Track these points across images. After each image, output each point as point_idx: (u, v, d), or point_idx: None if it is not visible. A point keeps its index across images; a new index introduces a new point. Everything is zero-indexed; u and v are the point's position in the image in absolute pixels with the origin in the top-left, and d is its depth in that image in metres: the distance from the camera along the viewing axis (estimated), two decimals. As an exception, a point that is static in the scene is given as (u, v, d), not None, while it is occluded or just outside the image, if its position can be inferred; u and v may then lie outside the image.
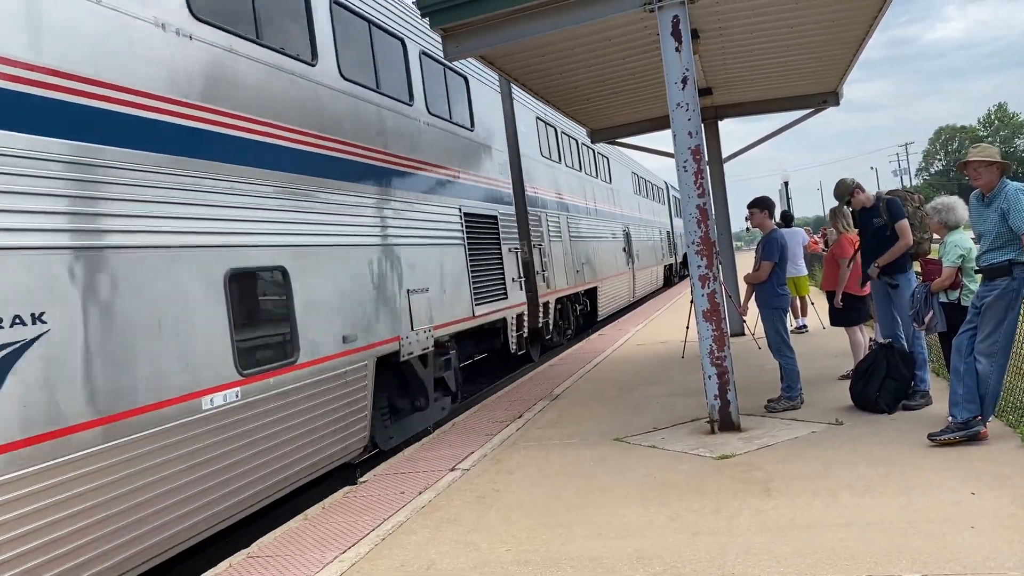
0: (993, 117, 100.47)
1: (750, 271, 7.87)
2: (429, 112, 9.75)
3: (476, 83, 11.91)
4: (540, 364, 13.43)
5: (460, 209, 10.34)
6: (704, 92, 11.42)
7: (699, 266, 6.78)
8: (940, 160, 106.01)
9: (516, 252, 12.30)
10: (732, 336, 7.15)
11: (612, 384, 10.08)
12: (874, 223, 7.19)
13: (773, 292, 7.62)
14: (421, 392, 8.94)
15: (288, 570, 4.68)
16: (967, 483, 4.83)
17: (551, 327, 14.64)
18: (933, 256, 7.06)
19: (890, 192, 7.55)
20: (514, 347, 12.04)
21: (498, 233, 11.79)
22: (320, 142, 7.29)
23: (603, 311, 19.61)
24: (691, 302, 7.83)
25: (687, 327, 12.01)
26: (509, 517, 5.21)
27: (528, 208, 13.84)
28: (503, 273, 11.73)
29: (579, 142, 18.92)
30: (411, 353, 8.43)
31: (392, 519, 5.42)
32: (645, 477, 5.77)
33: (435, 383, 9.37)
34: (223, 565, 4.95)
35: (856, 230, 7.88)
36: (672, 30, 6.75)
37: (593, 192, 20.24)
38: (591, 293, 18.57)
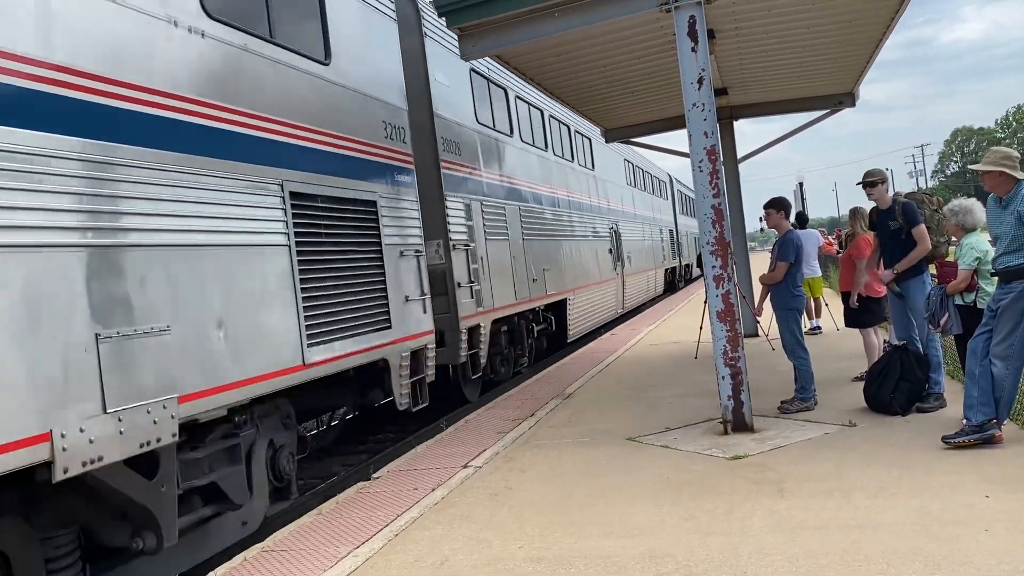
0: (1011, 119, 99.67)
1: (765, 272, 7.86)
2: (207, 13, 5.47)
3: (344, -7, 7.42)
4: (551, 364, 13.41)
5: (282, 187, 6.03)
6: (719, 92, 11.40)
7: (713, 266, 6.78)
8: (956, 162, 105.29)
9: (419, 257, 8.13)
10: (746, 337, 7.16)
11: (625, 384, 10.08)
12: (890, 226, 7.15)
13: (788, 293, 7.61)
14: (146, 521, 4.67)
15: (302, 565, 4.72)
16: (981, 486, 4.81)
17: (485, 359, 10.51)
18: (949, 259, 7.03)
19: (908, 194, 7.52)
20: (403, 402, 7.66)
21: (378, 228, 7.41)
22: None
23: (576, 329, 15.26)
24: (705, 302, 7.84)
25: (700, 327, 12.00)
26: (522, 515, 5.24)
27: (446, 194, 9.76)
28: (385, 290, 7.41)
29: (546, 114, 14.68)
30: (92, 461, 4.09)
31: (405, 515, 5.46)
32: (657, 477, 5.78)
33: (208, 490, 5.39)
34: (238, 559, 5.00)
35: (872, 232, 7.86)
36: (688, 30, 6.75)
37: (566, 179, 15.87)
38: (558, 307, 14.29)
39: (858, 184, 7.43)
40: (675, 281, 32.11)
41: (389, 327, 7.43)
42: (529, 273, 12.45)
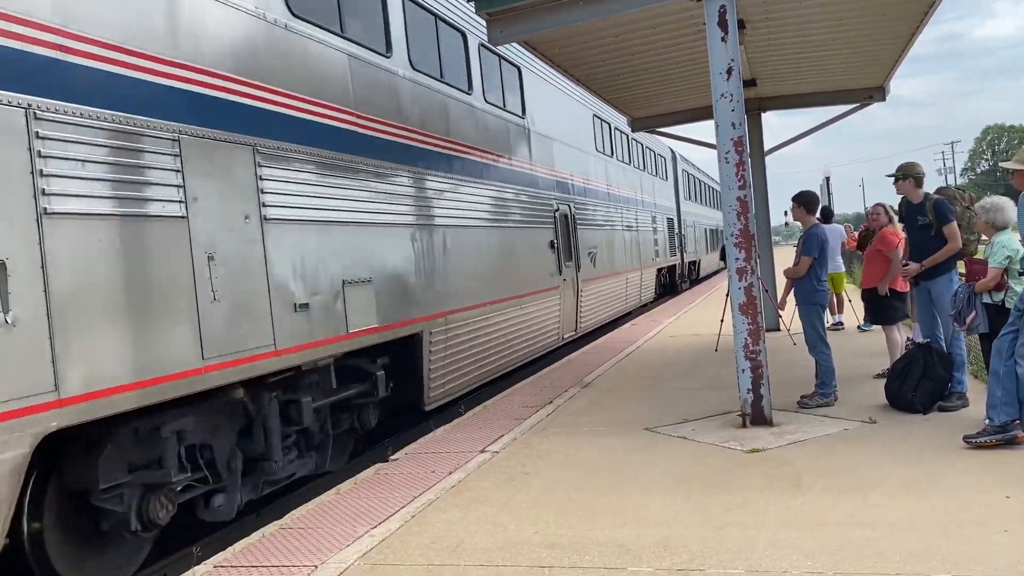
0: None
1: (790, 266, 7.81)
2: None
3: None
4: (570, 352, 13.42)
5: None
6: (748, 83, 11.29)
7: (737, 259, 6.74)
8: (987, 160, 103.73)
9: None
10: (767, 331, 7.13)
11: (643, 374, 10.07)
12: (918, 220, 7.07)
13: (812, 288, 7.56)
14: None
15: (319, 542, 4.78)
16: (1001, 486, 4.78)
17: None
18: (978, 256, 6.95)
19: (939, 190, 7.43)
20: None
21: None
22: None
23: (449, 387, 9.03)
24: (727, 295, 7.81)
25: (722, 320, 11.95)
26: (538, 500, 5.26)
27: None
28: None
29: None
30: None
31: (422, 497, 5.50)
32: (674, 468, 5.78)
33: None
34: (256, 535, 5.07)
35: (901, 224, 7.78)
36: (719, 20, 6.69)
37: (436, 115, 9.14)
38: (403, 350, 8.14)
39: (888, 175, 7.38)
40: (676, 282, 26.19)
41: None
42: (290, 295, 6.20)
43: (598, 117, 17.20)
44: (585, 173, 15.73)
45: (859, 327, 11.92)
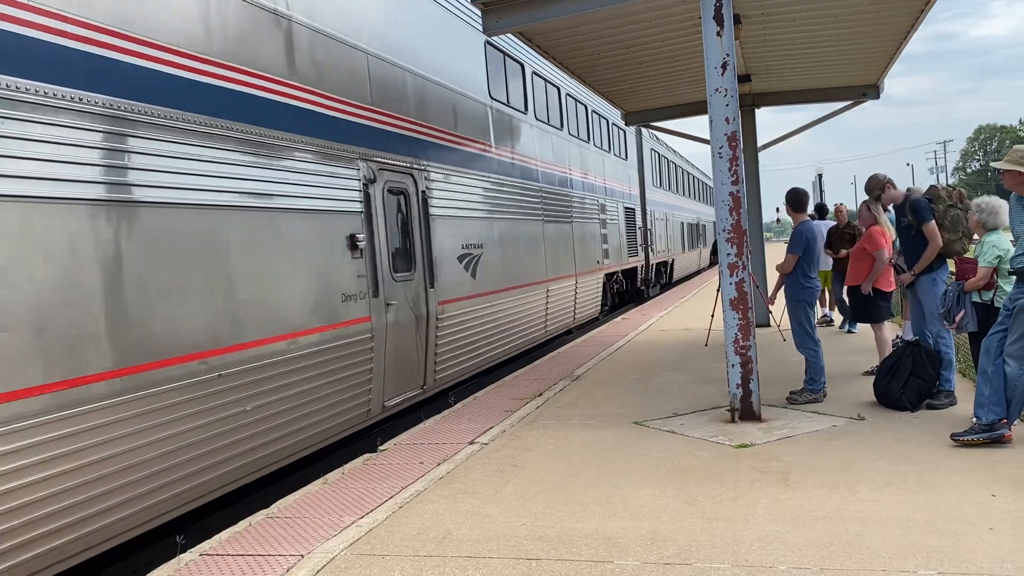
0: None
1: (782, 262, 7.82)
2: None
3: None
4: (562, 345, 13.45)
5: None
6: (742, 79, 11.30)
7: (729, 254, 6.74)
8: (978, 160, 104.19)
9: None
10: (757, 327, 7.13)
11: (633, 368, 10.08)
12: (901, 222, 7.15)
13: (798, 285, 7.57)
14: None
15: (306, 532, 4.76)
16: (988, 485, 4.80)
17: None
18: (968, 255, 6.96)
19: (929, 188, 7.44)
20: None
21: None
22: None
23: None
24: (718, 290, 7.81)
25: (712, 315, 11.96)
26: (526, 492, 5.26)
27: None
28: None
29: None
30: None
31: (410, 488, 5.49)
32: (663, 461, 5.78)
33: None
34: (243, 523, 5.04)
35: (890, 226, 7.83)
36: (714, 14, 6.67)
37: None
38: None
39: (871, 199, 7.61)
40: (639, 288, 21.31)
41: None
42: None
43: (493, 45, 11.36)
44: (453, 125, 9.91)
45: (845, 328, 11.83)
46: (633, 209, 20.91)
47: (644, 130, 22.35)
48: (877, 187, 7.48)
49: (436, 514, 4.94)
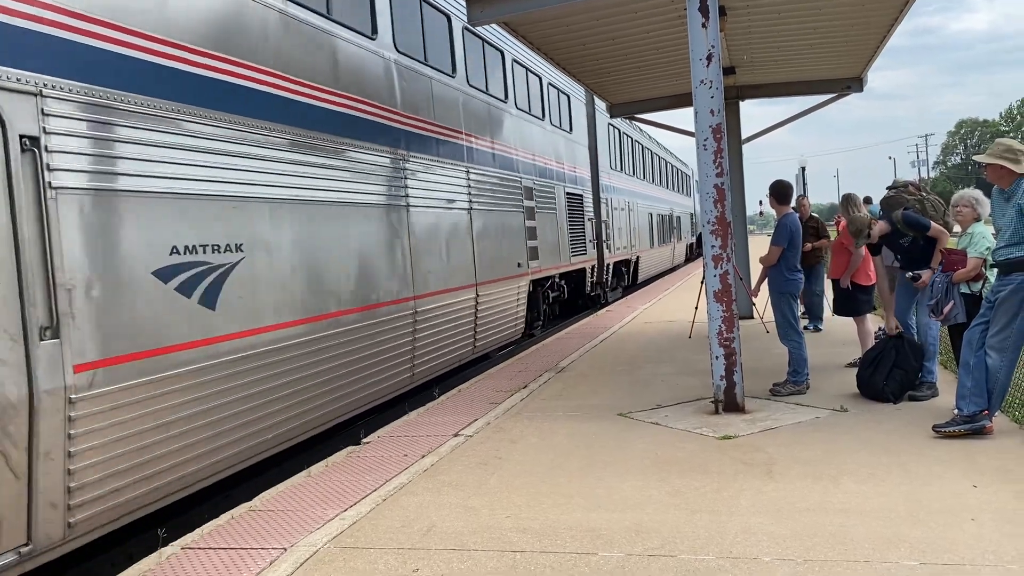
0: (1016, 112, 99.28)
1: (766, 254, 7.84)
2: None
3: None
4: (545, 338, 13.44)
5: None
6: (727, 71, 11.30)
7: (713, 246, 6.75)
8: (959, 154, 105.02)
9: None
10: (740, 319, 7.15)
11: (618, 360, 10.09)
12: (901, 243, 6.98)
13: (782, 277, 7.59)
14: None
15: (289, 525, 4.73)
16: (969, 476, 4.83)
17: None
18: (952, 246, 6.97)
19: (889, 202, 7.16)
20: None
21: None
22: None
23: None
24: (702, 282, 7.83)
25: (696, 307, 11.99)
26: (510, 484, 5.24)
27: None
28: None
29: None
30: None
31: (394, 480, 5.46)
32: (647, 453, 5.79)
33: None
34: (225, 517, 5.00)
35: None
36: (700, 5, 6.66)
37: None
38: None
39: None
40: (590, 294, 17.73)
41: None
42: None
43: None
44: (234, 48, 6.21)
45: (811, 327, 11.55)
46: (580, 196, 16.89)
47: (599, 100, 15.75)
48: (865, 227, 7.08)
49: (420, 507, 4.92)
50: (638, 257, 23.45)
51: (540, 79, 14.99)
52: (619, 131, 22.09)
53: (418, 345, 9.07)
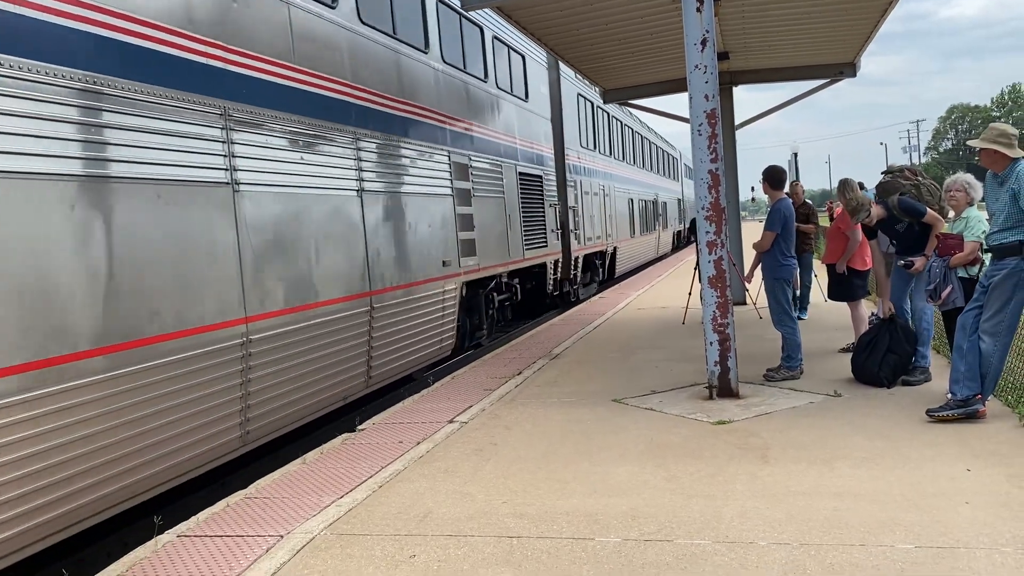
0: (1006, 97, 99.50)
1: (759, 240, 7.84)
2: None
3: None
4: (541, 324, 13.45)
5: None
6: (720, 56, 11.25)
7: (707, 231, 6.75)
8: (950, 139, 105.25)
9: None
10: (734, 305, 7.17)
11: (612, 346, 10.10)
12: (897, 228, 6.98)
13: (776, 262, 7.60)
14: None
15: (285, 512, 4.72)
16: (963, 460, 4.85)
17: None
18: (947, 231, 6.98)
19: (884, 187, 7.17)
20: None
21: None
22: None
23: None
24: (695, 268, 7.85)
25: (689, 293, 12.00)
26: (506, 471, 5.25)
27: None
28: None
29: None
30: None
31: (390, 467, 5.46)
32: (642, 439, 5.80)
33: None
34: (220, 504, 4.99)
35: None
36: (694, -10, 6.63)
37: None
38: None
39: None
40: (552, 293, 15.44)
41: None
42: None
43: None
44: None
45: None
46: (539, 177, 14.37)
47: (564, 65, 14.54)
48: (867, 204, 7.12)
49: (416, 493, 4.92)
50: (615, 248, 21.07)
51: (481, 30, 12.01)
52: (593, 104, 19.34)
53: (256, 390, 6.17)
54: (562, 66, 15.65)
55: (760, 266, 7.86)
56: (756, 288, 10.37)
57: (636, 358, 9.11)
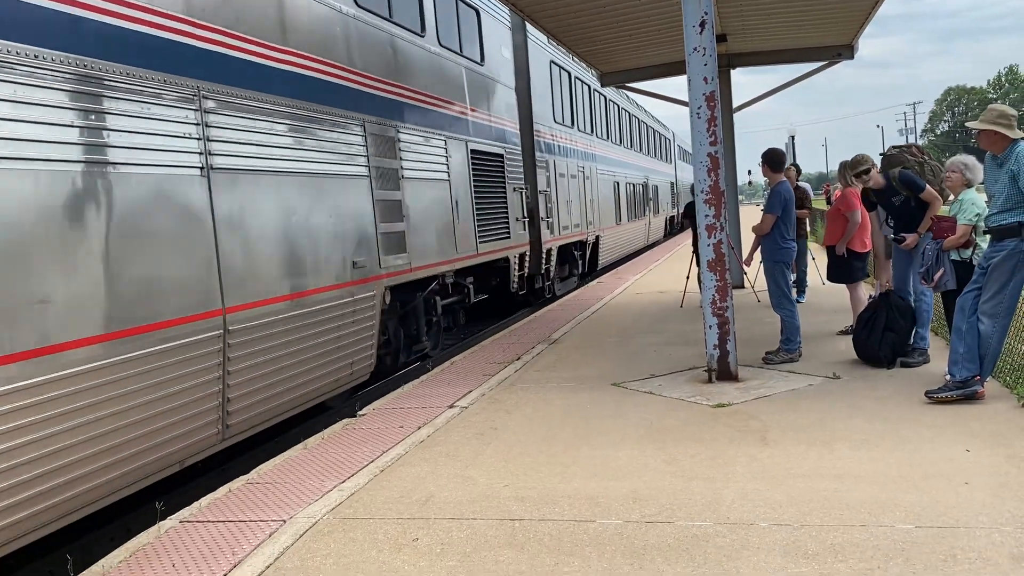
0: (1003, 79, 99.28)
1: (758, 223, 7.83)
2: None
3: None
4: (538, 309, 13.44)
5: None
6: (718, 39, 11.20)
7: (707, 215, 6.74)
8: (947, 121, 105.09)
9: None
10: (733, 288, 7.19)
11: (610, 331, 10.11)
12: (893, 201, 7.00)
13: (775, 245, 7.60)
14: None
15: (287, 497, 4.74)
16: (962, 440, 4.88)
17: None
18: (944, 214, 6.99)
19: (889, 159, 7.27)
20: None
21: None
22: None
23: None
24: (694, 252, 7.85)
25: (687, 277, 12.02)
26: (507, 454, 5.27)
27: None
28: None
29: None
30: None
31: (391, 452, 5.48)
32: (642, 422, 5.82)
33: None
34: (223, 490, 5.01)
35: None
36: (692, -29, 6.59)
37: None
38: None
39: (853, 174, 7.36)
40: (517, 292, 13.20)
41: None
42: None
43: None
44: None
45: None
46: (500, 156, 12.19)
47: (533, 27, 12.50)
48: (867, 162, 7.23)
49: (418, 477, 4.94)
50: (598, 237, 19.04)
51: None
52: (570, 75, 17.17)
53: (24, 460, 4.22)
54: (530, 28, 13.92)
55: (760, 249, 7.85)
56: (754, 272, 10.38)
57: (634, 342, 9.13)
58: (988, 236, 5.76)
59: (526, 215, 13.29)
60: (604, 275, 18.23)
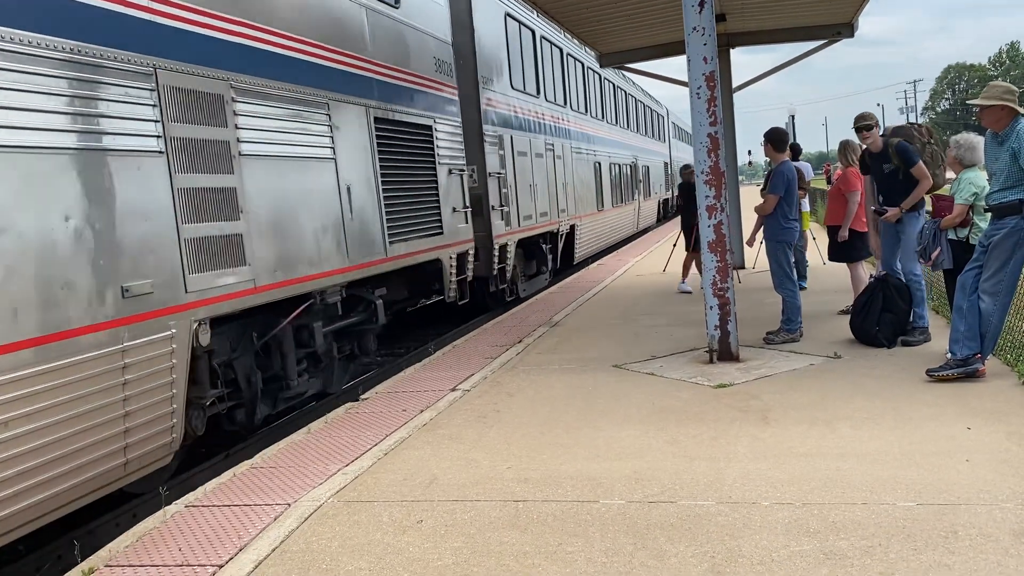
0: (1004, 56, 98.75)
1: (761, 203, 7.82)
2: None
3: None
4: (542, 292, 13.44)
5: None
6: (717, 18, 11.16)
7: (707, 196, 6.73)
8: (947, 99, 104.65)
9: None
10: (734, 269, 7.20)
11: (611, 313, 10.12)
12: (884, 168, 7.05)
13: (778, 225, 7.59)
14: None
15: (292, 481, 4.76)
16: (963, 418, 4.89)
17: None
18: (943, 192, 6.99)
19: (896, 129, 7.36)
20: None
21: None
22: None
23: None
24: (679, 233, 7.84)
25: (674, 246, 12.00)
26: (509, 437, 5.29)
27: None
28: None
29: None
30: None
31: (394, 435, 5.50)
32: (644, 403, 5.83)
33: None
34: (227, 474, 5.03)
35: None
36: (691, -50, 6.54)
37: None
38: None
39: (853, 128, 7.34)
40: (460, 301, 10.19)
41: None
42: None
43: None
44: None
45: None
46: (426, 129, 9.25)
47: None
48: (870, 119, 7.24)
49: (421, 460, 4.96)
50: (573, 226, 16.23)
51: None
52: (534, 33, 14.30)
53: None
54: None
55: (763, 229, 7.84)
56: (752, 254, 10.37)
57: (635, 324, 9.14)
58: (989, 214, 5.75)
59: (467, 204, 10.28)
60: (605, 257, 18.22)
